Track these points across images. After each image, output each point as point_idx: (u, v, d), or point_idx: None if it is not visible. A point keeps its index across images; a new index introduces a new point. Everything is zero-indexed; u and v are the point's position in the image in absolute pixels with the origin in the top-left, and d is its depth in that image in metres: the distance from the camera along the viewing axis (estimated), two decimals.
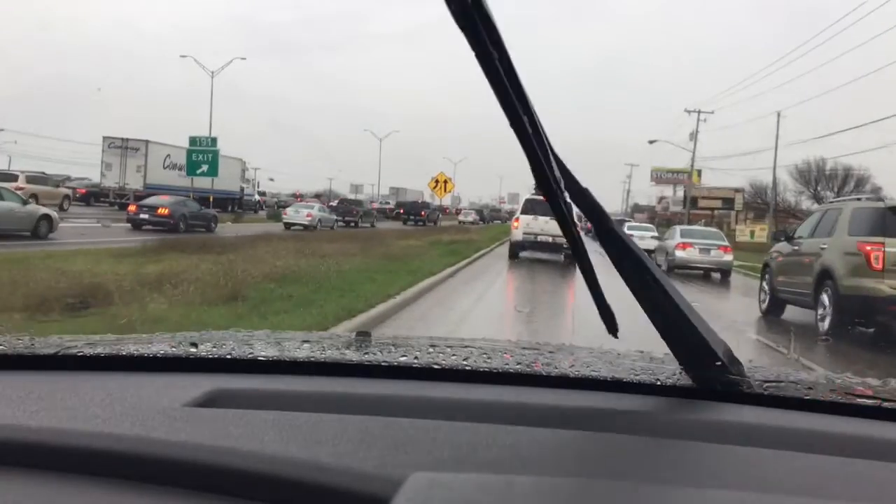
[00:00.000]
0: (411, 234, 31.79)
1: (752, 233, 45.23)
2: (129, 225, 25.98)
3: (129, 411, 1.04)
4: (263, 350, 1.43)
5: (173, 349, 1.41)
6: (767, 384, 1.28)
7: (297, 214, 36.95)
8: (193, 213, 27.85)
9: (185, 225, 26.49)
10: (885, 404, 1.24)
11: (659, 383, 1.28)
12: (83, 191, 43.92)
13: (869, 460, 0.99)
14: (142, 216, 26.08)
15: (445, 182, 32.06)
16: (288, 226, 35.71)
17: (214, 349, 1.42)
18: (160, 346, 1.45)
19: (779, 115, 46.17)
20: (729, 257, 21.67)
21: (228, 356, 1.37)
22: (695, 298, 16.32)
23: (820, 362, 7.71)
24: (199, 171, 38.17)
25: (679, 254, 21.40)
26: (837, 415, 1.20)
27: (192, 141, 39.22)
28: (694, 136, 51.21)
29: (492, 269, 18.85)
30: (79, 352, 1.35)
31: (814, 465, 0.98)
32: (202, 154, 38.34)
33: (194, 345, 1.42)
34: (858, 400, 1.26)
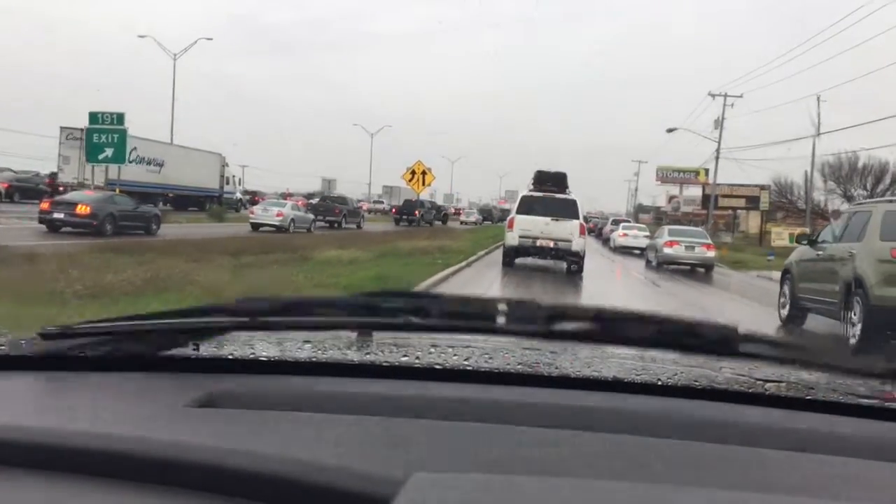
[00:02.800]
0: (378, 238, 25.25)
1: (792, 236, 38.83)
2: (44, 226, 20.95)
3: (131, 411, 1.04)
4: (264, 350, 1.39)
5: (175, 349, 1.35)
6: (769, 384, 1.27)
7: (266, 214, 31.71)
8: (126, 211, 22.73)
9: (113, 226, 21.48)
10: (886, 404, 1.23)
11: (660, 383, 1.27)
12: (6, 185, 38.22)
13: (869, 460, 0.98)
14: (56, 216, 20.94)
15: (424, 173, 26.05)
16: (255, 227, 30.70)
17: (216, 349, 1.37)
18: (161, 345, 1.38)
19: (818, 99, 40.35)
20: (711, 254, 23.38)
21: (230, 356, 1.34)
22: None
23: None
24: (101, 157, 29.36)
25: (667, 251, 23.08)
26: (838, 415, 1.18)
27: (93, 118, 29.45)
28: (720, 124, 44.12)
29: None
30: (80, 352, 1.31)
31: (814, 464, 0.97)
32: (105, 135, 28.91)
33: (195, 345, 1.36)
34: (859, 400, 1.24)
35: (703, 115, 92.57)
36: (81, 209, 20.90)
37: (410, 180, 26.16)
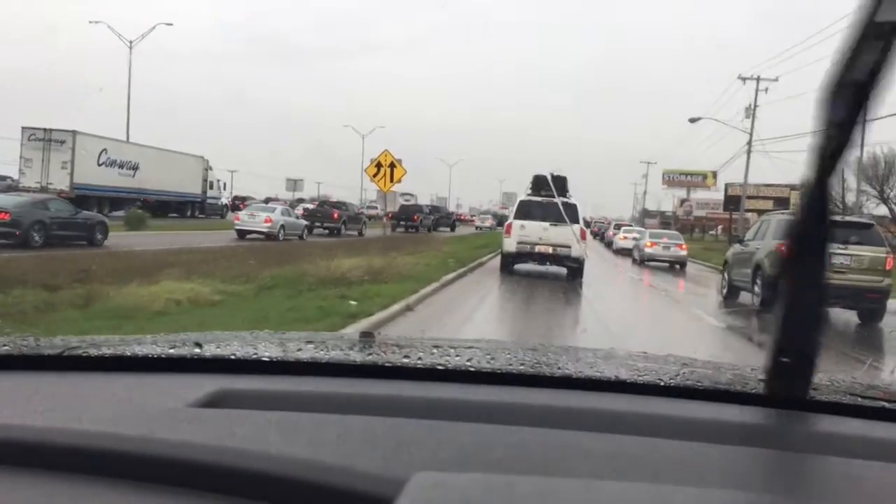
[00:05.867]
0: (344, 247, 18.56)
1: None
2: None
3: (134, 412, 1.03)
4: (268, 350, 1.38)
5: (178, 350, 1.36)
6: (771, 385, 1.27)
7: (253, 220, 27.17)
8: (60, 219, 17.83)
9: (42, 236, 16.77)
10: (888, 405, 1.20)
11: (662, 384, 1.25)
12: None
13: (875, 462, 0.96)
14: None
15: (392, 166, 19.25)
16: (242, 234, 26.34)
17: (219, 350, 1.36)
18: (165, 346, 1.39)
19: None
20: (683, 252, 26.92)
21: (233, 357, 1.32)
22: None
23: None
24: None
25: (647, 250, 26.79)
26: (842, 416, 1.16)
27: None
28: (752, 112, 37.58)
29: None
30: (83, 352, 1.30)
31: (814, 465, 0.96)
32: None
33: (199, 345, 1.37)
34: (864, 402, 1.21)
35: (720, 112, 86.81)
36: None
37: (375, 175, 19.40)
